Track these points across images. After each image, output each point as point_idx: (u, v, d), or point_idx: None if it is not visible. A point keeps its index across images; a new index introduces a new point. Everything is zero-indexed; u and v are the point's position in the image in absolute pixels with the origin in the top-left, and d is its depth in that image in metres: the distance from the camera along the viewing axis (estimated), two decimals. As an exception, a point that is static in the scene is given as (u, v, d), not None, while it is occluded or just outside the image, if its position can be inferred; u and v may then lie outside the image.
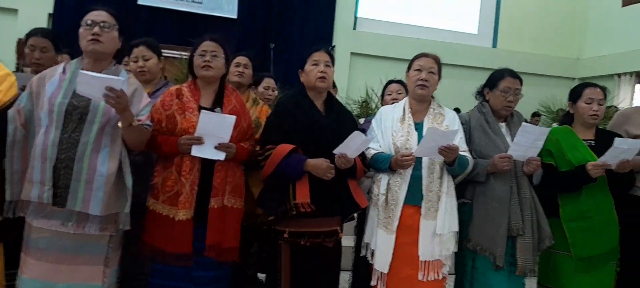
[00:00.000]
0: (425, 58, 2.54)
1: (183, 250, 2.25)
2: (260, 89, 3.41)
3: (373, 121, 2.64)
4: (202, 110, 2.23)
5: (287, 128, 2.38)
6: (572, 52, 9.97)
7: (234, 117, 2.24)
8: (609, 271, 2.64)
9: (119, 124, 2.10)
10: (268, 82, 3.45)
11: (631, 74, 8.54)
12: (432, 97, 2.61)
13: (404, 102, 2.61)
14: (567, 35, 9.92)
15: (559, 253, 2.63)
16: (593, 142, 2.68)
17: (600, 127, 2.80)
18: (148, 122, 2.20)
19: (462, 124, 2.60)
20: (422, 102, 2.57)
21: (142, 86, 2.72)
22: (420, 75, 2.50)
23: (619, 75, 8.73)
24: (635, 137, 2.66)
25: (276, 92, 3.52)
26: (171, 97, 2.37)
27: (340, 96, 5.95)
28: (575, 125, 2.75)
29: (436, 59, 2.56)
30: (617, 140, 2.46)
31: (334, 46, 8.81)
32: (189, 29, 7.85)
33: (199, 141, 2.23)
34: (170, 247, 2.24)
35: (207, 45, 2.41)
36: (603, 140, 2.62)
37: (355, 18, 9.33)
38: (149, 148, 2.33)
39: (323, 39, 8.69)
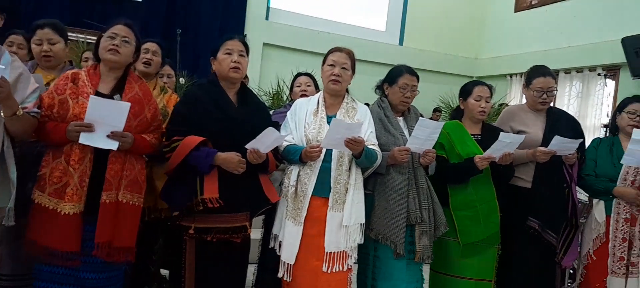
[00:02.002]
0: (339, 53, 2.57)
1: (69, 248, 2.06)
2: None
3: (288, 113, 2.63)
4: (92, 96, 2.07)
5: (196, 119, 2.28)
6: (471, 52, 10.64)
7: (128, 104, 2.09)
8: (492, 254, 2.86)
9: (1, 113, 1.89)
10: (164, 69, 3.30)
11: (521, 74, 9.28)
12: (347, 91, 2.65)
13: (319, 95, 2.64)
14: (467, 36, 10.56)
15: (449, 240, 2.80)
16: (479, 136, 2.89)
17: (487, 123, 3.00)
18: (35, 110, 2.00)
19: None
20: (336, 96, 2.60)
21: (47, 71, 2.48)
22: (333, 70, 2.53)
23: (511, 75, 9.46)
24: (519, 132, 2.90)
25: (174, 79, 3.36)
26: (66, 81, 2.18)
27: (252, 87, 5.88)
28: (465, 120, 2.94)
29: (350, 54, 2.60)
30: (502, 134, 2.67)
31: (245, 35, 8.65)
32: (86, 9, 7.31)
33: (89, 128, 2.06)
34: (55, 243, 2.05)
35: (119, 29, 2.25)
36: (488, 135, 2.84)
37: (268, 8, 9.23)
38: (38, 136, 2.14)
39: (234, 27, 8.48)
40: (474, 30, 10.61)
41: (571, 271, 3.37)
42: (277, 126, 2.55)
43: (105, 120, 2.06)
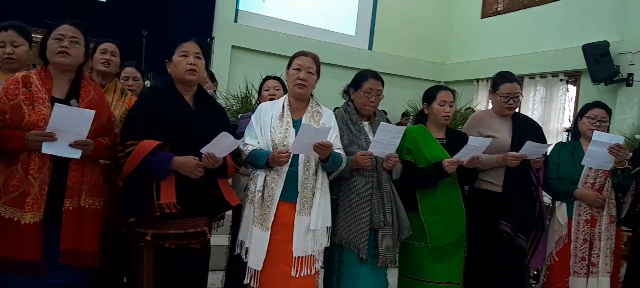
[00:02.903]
0: (305, 57, 2.55)
1: (30, 257, 1.99)
2: (120, 79, 3.17)
3: (252, 117, 2.59)
4: (56, 104, 1.99)
5: (152, 122, 2.21)
6: (439, 58, 10.81)
7: (92, 112, 2.03)
8: (459, 257, 2.87)
9: None
10: (128, 71, 3.19)
11: (487, 79, 9.48)
12: (311, 95, 2.63)
13: (284, 99, 2.61)
14: (435, 42, 10.73)
15: (417, 245, 2.80)
16: (444, 140, 2.90)
17: (450, 127, 3.03)
18: None
19: None
20: (301, 100, 2.58)
21: (9, 75, 2.38)
22: (299, 74, 2.51)
23: (477, 80, 9.66)
24: (487, 137, 2.93)
25: (140, 82, 3.28)
26: (17, 85, 2.07)
27: (220, 90, 5.80)
28: (429, 124, 2.95)
29: (315, 58, 2.58)
30: (470, 138, 2.70)
31: (213, 38, 8.56)
32: (50, 10, 7.08)
33: (51, 137, 1.99)
34: (15, 253, 1.98)
35: (66, 30, 2.15)
36: (453, 139, 2.87)
37: (237, 11, 9.15)
38: None
39: (202, 29, 8.39)
40: (441, 36, 10.79)
41: (535, 272, 3.44)
42: (234, 129, 2.51)
43: (68, 129, 1.99)
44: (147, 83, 6.23)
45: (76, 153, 2.04)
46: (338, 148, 2.53)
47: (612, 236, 2.92)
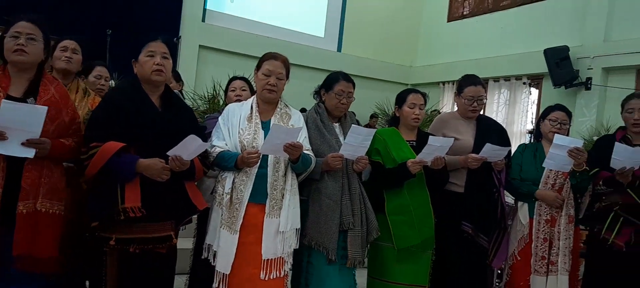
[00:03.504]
0: (275, 61, 2.51)
1: None
2: (91, 78, 3.09)
3: (219, 119, 2.56)
4: (4, 101, 1.91)
5: (117, 124, 2.14)
6: (407, 61, 10.93)
7: (45, 108, 1.96)
8: (426, 259, 2.92)
9: None
10: (100, 70, 3.13)
11: (453, 82, 9.66)
12: (280, 97, 2.62)
13: (252, 100, 2.58)
14: (402, 45, 10.85)
15: (384, 245, 2.83)
16: (415, 142, 2.95)
17: (421, 129, 3.08)
18: None
19: None
20: (270, 102, 2.57)
21: None
22: (268, 80, 2.49)
23: (444, 83, 9.83)
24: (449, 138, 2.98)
25: (110, 82, 3.20)
26: None
27: (187, 90, 5.70)
28: (400, 127, 3.00)
29: (285, 62, 2.56)
30: (431, 138, 2.75)
31: (180, 37, 8.42)
32: (7, 6, 6.83)
33: (1, 136, 1.91)
34: None
35: (23, 27, 2.08)
36: (423, 141, 2.88)
37: (205, 10, 9.03)
38: None
39: (169, 28, 8.22)
40: (409, 39, 10.92)
41: (499, 271, 3.51)
42: (204, 131, 2.47)
43: (19, 126, 1.91)
44: (112, 83, 6.10)
45: (29, 153, 1.96)
46: (307, 150, 2.53)
47: (570, 235, 3.01)
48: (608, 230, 2.89)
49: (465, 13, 9.92)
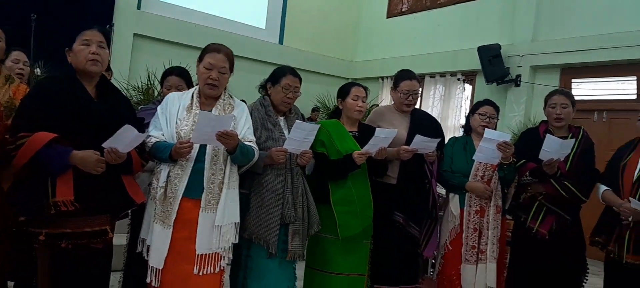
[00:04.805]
0: (218, 55, 2.44)
1: None
2: (8, 63, 2.93)
3: (158, 108, 2.47)
4: None
5: (48, 113, 2.04)
6: (347, 55, 11.05)
7: None
8: (365, 248, 3.00)
9: None
10: (17, 55, 2.96)
11: (391, 77, 9.87)
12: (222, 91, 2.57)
13: (194, 90, 2.51)
14: (343, 39, 10.95)
15: (326, 237, 2.88)
16: (356, 133, 3.02)
17: (362, 121, 3.15)
18: None
19: None
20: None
21: None
22: (210, 74, 2.42)
23: (383, 78, 10.02)
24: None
25: (28, 68, 3.03)
26: None
27: (120, 80, 5.48)
28: (343, 118, 3.06)
29: (229, 55, 2.49)
30: (377, 130, 2.83)
31: (113, 25, 8.05)
32: None
33: None
34: None
35: None
36: (365, 132, 2.99)
37: (141, -3, 8.68)
38: None
39: (101, 15, 7.84)
40: (349, 33, 11.03)
41: (433, 260, 3.64)
42: (142, 123, 2.39)
43: None
44: (37, 71, 5.74)
45: None
46: (250, 141, 2.49)
47: (498, 225, 3.18)
48: (532, 219, 3.06)
49: (403, 10, 10.14)
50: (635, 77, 6.54)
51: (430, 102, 9.17)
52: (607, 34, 6.61)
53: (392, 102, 3.35)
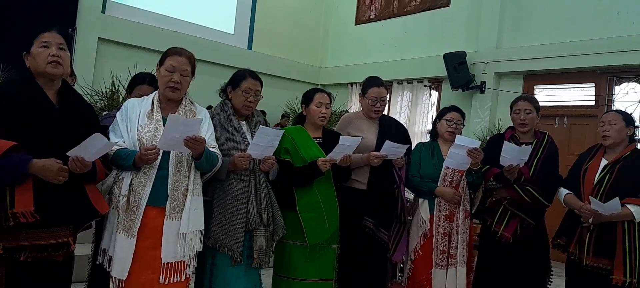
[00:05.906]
0: (179, 57, 2.40)
1: None
2: None
3: (118, 114, 2.40)
4: None
5: (6, 120, 1.95)
6: (316, 61, 11.08)
7: None
8: (332, 254, 3.00)
9: None
10: None
11: (360, 83, 9.93)
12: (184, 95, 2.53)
13: (154, 95, 2.46)
14: (312, 45, 10.99)
15: (293, 243, 2.87)
16: (321, 139, 3.02)
17: (327, 127, 3.15)
18: None
19: None
20: (172, 100, 2.45)
21: None
22: (172, 77, 2.37)
23: (351, 84, 10.08)
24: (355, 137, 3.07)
25: None
26: None
27: (84, 86, 5.33)
28: (307, 125, 3.06)
29: (190, 58, 2.45)
30: (341, 138, 2.83)
31: (76, 28, 7.83)
32: None
33: None
34: None
35: None
36: (329, 138, 3.00)
37: (105, 1, 8.48)
38: None
39: (64, 19, 7.62)
40: (318, 39, 11.08)
41: (402, 265, 3.67)
42: (106, 130, 2.32)
43: None
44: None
45: None
46: (213, 147, 2.46)
47: (467, 229, 3.23)
48: (497, 223, 3.13)
49: (372, 17, 10.24)
50: (593, 84, 6.78)
51: (398, 108, 9.28)
52: (567, 42, 6.84)
53: (361, 109, 3.37)
